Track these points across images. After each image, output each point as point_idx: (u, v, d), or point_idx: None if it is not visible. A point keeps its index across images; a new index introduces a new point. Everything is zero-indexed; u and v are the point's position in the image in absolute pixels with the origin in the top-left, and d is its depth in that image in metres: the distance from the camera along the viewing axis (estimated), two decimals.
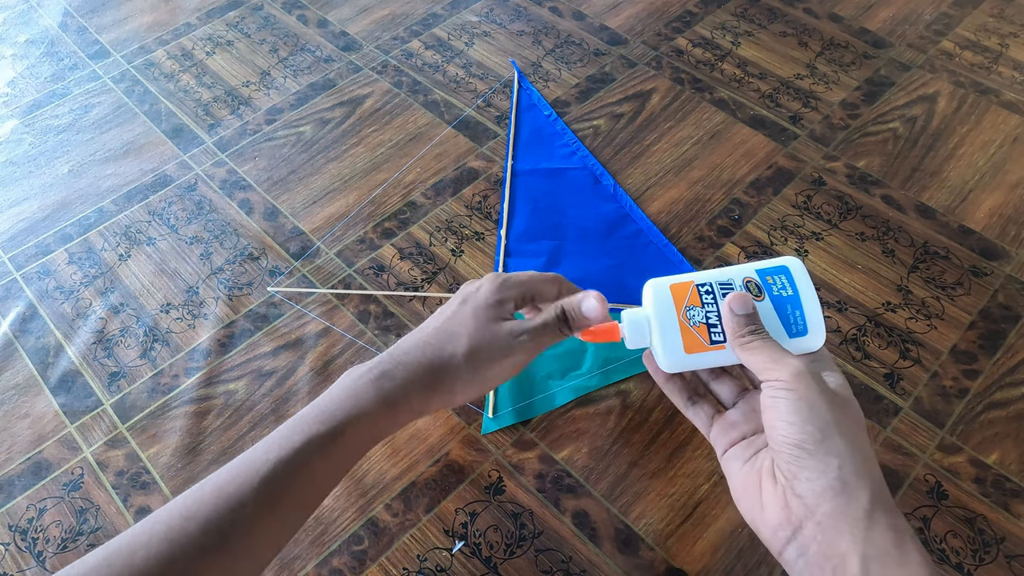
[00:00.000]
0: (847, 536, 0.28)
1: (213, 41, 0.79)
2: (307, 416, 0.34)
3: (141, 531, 0.31)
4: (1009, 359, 0.52)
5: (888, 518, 0.28)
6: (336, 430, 0.34)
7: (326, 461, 0.33)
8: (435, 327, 0.38)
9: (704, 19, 0.77)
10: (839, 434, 0.29)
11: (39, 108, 0.73)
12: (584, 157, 0.65)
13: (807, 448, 0.30)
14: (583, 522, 0.45)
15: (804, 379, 0.31)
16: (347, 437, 0.34)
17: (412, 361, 0.36)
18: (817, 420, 0.30)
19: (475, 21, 0.79)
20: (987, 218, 0.60)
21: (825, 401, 0.30)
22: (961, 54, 0.72)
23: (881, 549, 0.28)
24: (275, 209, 0.63)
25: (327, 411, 0.34)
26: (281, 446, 0.33)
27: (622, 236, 0.59)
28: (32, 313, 0.58)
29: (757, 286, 0.36)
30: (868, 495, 0.28)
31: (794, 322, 0.35)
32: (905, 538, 0.28)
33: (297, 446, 0.33)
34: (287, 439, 0.33)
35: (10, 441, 0.51)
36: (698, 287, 0.36)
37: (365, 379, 0.35)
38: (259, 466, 0.32)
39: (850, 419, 0.30)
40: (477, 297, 0.38)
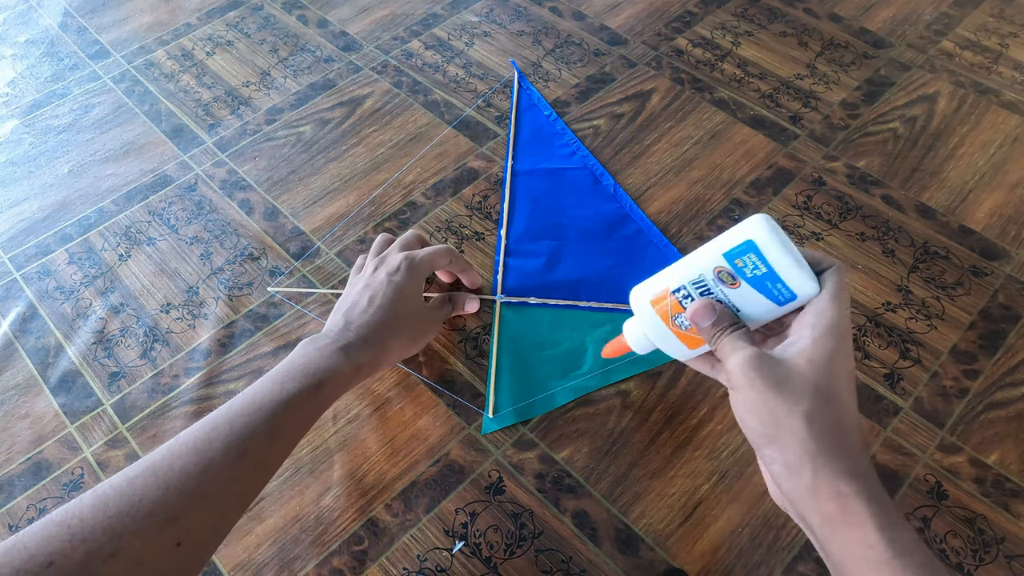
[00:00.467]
0: (801, 507, 0.32)
1: (213, 41, 0.79)
2: (289, 372, 0.41)
3: (170, 449, 0.36)
4: (1009, 359, 0.52)
5: (832, 486, 0.31)
6: (317, 384, 0.41)
7: (312, 406, 0.41)
8: (380, 308, 0.46)
9: (704, 19, 0.77)
10: (781, 426, 0.32)
11: (39, 108, 0.73)
12: (584, 157, 0.65)
13: (756, 441, 0.34)
14: (583, 522, 0.45)
15: (746, 377, 0.33)
16: (325, 390, 0.42)
17: (371, 335, 0.45)
18: (762, 419, 0.33)
19: (475, 21, 0.79)
20: (987, 218, 0.60)
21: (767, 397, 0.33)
22: (961, 54, 0.72)
23: (826, 516, 0.31)
24: (275, 209, 0.63)
25: (307, 369, 0.42)
26: (280, 391, 0.40)
27: (622, 236, 0.59)
28: (32, 313, 0.58)
29: (730, 274, 0.35)
30: (809, 471, 0.31)
31: (778, 293, 0.35)
32: (850, 501, 0.30)
33: (291, 393, 0.40)
34: (281, 387, 0.40)
35: (10, 441, 0.51)
36: (674, 294, 0.37)
37: (332, 348, 0.43)
38: (263, 405, 0.39)
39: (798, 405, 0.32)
40: (406, 285, 0.48)
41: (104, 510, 0.33)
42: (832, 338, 0.33)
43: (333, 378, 0.42)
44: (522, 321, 0.54)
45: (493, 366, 0.52)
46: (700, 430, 0.49)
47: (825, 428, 0.32)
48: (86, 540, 0.32)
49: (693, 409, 0.50)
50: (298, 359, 0.43)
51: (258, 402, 0.39)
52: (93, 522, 0.32)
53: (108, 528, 0.32)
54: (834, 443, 0.31)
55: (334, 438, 0.50)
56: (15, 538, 0.32)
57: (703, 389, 0.51)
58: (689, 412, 0.50)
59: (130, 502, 0.33)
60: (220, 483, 0.36)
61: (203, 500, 0.35)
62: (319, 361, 0.42)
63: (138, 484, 0.34)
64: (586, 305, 0.55)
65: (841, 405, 0.32)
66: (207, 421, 0.38)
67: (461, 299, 0.54)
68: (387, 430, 0.50)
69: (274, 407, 0.39)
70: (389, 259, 0.50)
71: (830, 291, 0.34)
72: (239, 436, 0.37)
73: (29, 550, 0.31)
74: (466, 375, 0.52)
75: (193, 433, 0.37)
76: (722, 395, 0.50)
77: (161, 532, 0.33)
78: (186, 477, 0.35)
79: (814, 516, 0.32)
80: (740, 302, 0.36)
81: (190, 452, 0.36)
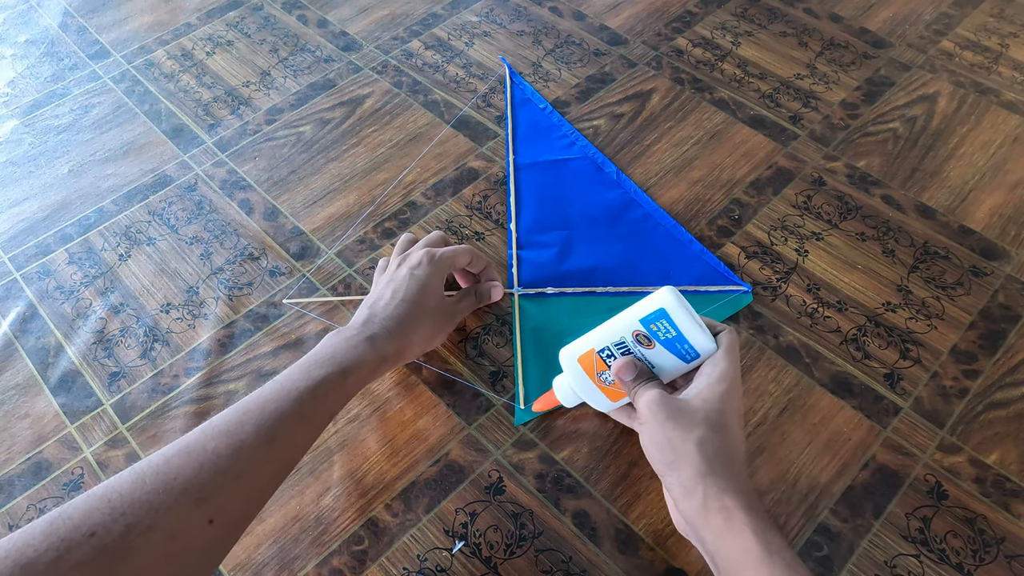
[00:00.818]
0: (697, 526, 0.37)
1: (213, 41, 0.79)
2: (317, 360, 0.43)
3: (204, 431, 0.38)
4: (1009, 359, 0.52)
5: (718, 502, 0.36)
6: (343, 372, 0.42)
7: (337, 393, 0.42)
8: (403, 301, 0.48)
9: (704, 19, 0.77)
10: (678, 452, 0.38)
11: (39, 108, 0.73)
12: (584, 147, 0.65)
13: (659, 469, 0.40)
14: (583, 522, 0.45)
15: (651, 412, 0.40)
16: (352, 378, 0.43)
17: (394, 328, 0.46)
18: (662, 447, 0.39)
19: (475, 21, 0.79)
20: (987, 218, 0.60)
21: (667, 427, 0.39)
22: (961, 54, 0.72)
23: (715, 530, 0.36)
24: (275, 209, 0.63)
25: (334, 358, 0.43)
26: (307, 378, 0.41)
27: (630, 221, 0.60)
28: (32, 313, 0.58)
29: (646, 336, 0.42)
30: (700, 492, 0.37)
31: (686, 352, 0.42)
32: (733, 513, 0.36)
33: (318, 380, 0.41)
34: (308, 375, 0.41)
35: (10, 441, 0.51)
36: (599, 354, 0.43)
37: (358, 338, 0.44)
38: (291, 391, 0.40)
39: (691, 433, 0.38)
40: (427, 279, 0.49)
41: (142, 486, 0.34)
42: (722, 382, 0.40)
43: (359, 367, 0.43)
44: (542, 311, 0.55)
45: (519, 358, 0.52)
46: None
47: (715, 453, 0.38)
48: (125, 514, 0.33)
49: None
50: (325, 349, 0.44)
51: (287, 388, 0.40)
52: (131, 497, 0.33)
53: (145, 503, 0.33)
54: (721, 465, 0.37)
55: (334, 438, 0.50)
56: (59, 511, 0.33)
57: None
58: None
59: (165, 479, 0.35)
60: (251, 465, 0.37)
61: (235, 480, 0.36)
62: (345, 351, 0.43)
63: (173, 463, 0.35)
64: (603, 291, 0.55)
65: (729, 434, 0.39)
66: (239, 406, 0.39)
67: (484, 289, 0.54)
68: (387, 430, 0.50)
69: (302, 393, 0.40)
70: (411, 255, 0.51)
71: (724, 348, 0.41)
72: (269, 420, 0.38)
73: (73, 521, 0.32)
74: (466, 375, 0.52)
75: (225, 417, 0.39)
76: None
77: (195, 509, 0.35)
78: (218, 458, 0.36)
79: (706, 532, 0.37)
80: (655, 360, 0.42)
81: (222, 435, 0.37)
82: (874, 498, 0.46)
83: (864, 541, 0.44)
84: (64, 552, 0.31)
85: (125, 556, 0.32)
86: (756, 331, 0.53)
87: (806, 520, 0.45)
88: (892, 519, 0.45)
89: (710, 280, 0.56)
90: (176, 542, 0.34)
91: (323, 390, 0.41)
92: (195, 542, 0.35)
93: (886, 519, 0.45)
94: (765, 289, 0.56)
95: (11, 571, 0.30)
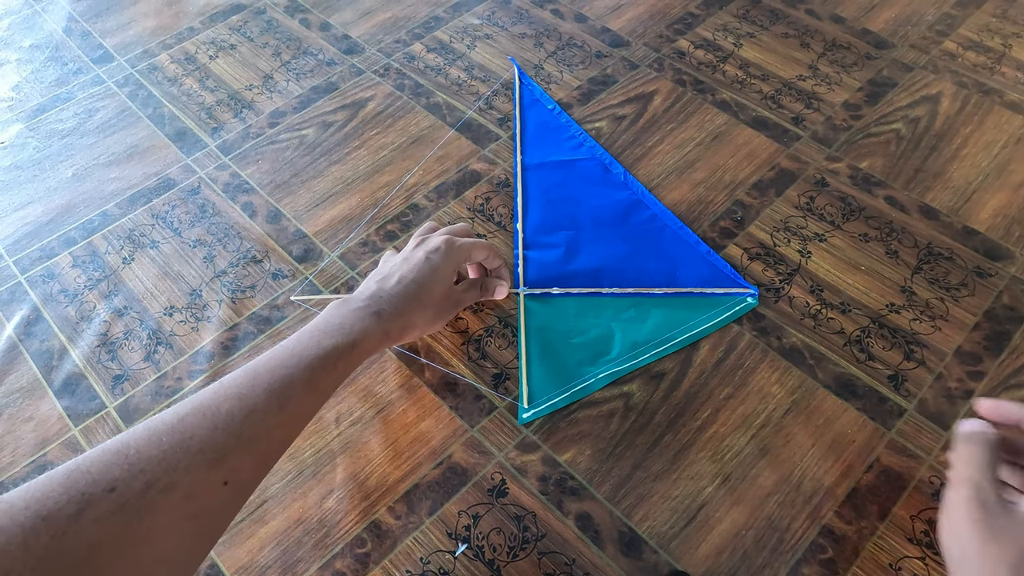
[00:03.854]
0: None
1: (216, 45, 0.79)
2: (325, 329, 0.43)
3: (215, 393, 0.37)
4: (1014, 360, 0.51)
5: None
6: (352, 343, 0.43)
7: (344, 364, 0.42)
8: (414, 282, 0.48)
9: (706, 21, 0.77)
10: None
11: (43, 112, 0.74)
12: (592, 148, 0.65)
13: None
14: (586, 525, 0.45)
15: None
16: (358, 349, 0.43)
17: (400, 306, 0.46)
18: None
19: (477, 24, 0.79)
20: (991, 219, 0.59)
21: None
22: (964, 54, 0.72)
23: None
24: (278, 212, 0.63)
25: (343, 328, 0.43)
26: (317, 346, 0.41)
27: (637, 222, 0.60)
28: (36, 316, 0.58)
29: None
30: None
31: None
32: None
33: (328, 349, 0.41)
34: (319, 343, 0.41)
35: (14, 444, 0.51)
36: None
37: (366, 311, 0.45)
38: (301, 358, 0.40)
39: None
40: (441, 266, 0.49)
41: (158, 444, 0.34)
42: None
43: (365, 339, 0.43)
44: (547, 311, 0.55)
45: (523, 357, 0.52)
46: (703, 432, 0.49)
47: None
48: (144, 471, 0.32)
49: (696, 411, 0.50)
50: (333, 318, 0.44)
51: (297, 354, 0.40)
52: (148, 454, 0.33)
53: (163, 461, 0.33)
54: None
55: (337, 440, 0.50)
56: (75, 463, 0.32)
57: (706, 391, 0.51)
58: (692, 414, 0.50)
59: (182, 438, 0.34)
60: (263, 428, 0.37)
61: (249, 443, 0.36)
62: (353, 322, 0.44)
63: (188, 422, 0.35)
64: (609, 291, 0.55)
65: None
66: (248, 370, 0.39)
67: (491, 284, 0.55)
68: (390, 432, 0.50)
69: (312, 360, 0.40)
70: (431, 240, 0.51)
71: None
72: (280, 385, 0.38)
73: (92, 475, 0.32)
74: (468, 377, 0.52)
75: (236, 379, 0.38)
76: (725, 397, 0.50)
77: (210, 470, 0.35)
78: (232, 420, 0.36)
79: None
80: None
81: (234, 397, 0.37)
82: (879, 500, 0.46)
83: (869, 543, 0.44)
84: (85, 506, 0.30)
85: (145, 513, 0.32)
86: (759, 332, 0.53)
87: (810, 522, 0.45)
88: (897, 521, 0.45)
89: (716, 282, 0.56)
90: (194, 502, 0.34)
91: (332, 359, 0.41)
92: (211, 503, 0.35)
93: (891, 521, 0.45)
94: (768, 291, 0.56)
95: (33, 523, 0.29)
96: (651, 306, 0.55)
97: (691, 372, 0.52)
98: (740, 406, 0.50)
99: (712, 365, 0.52)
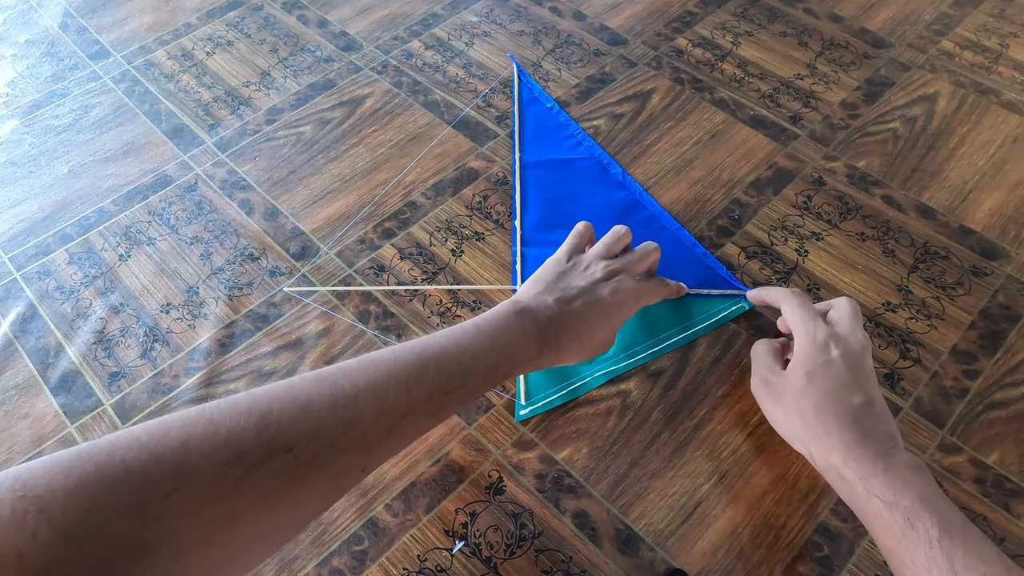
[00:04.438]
0: None
1: (213, 41, 0.79)
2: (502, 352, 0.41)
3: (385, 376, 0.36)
4: (1009, 359, 0.52)
5: None
6: (506, 368, 0.41)
7: (488, 381, 0.41)
8: (584, 319, 0.45)
9: (704, 19, 0.77)
10: None
11: (39, 108, 0.73)
12: (591, 147, 0.65)
13: None
14: (583, 522, 0.45)
15: None
16: (505, 374, 0.41)
17: (564, 341, 0.44)
18: None
19: (475, 21, 0.79)
20: (987, 218, 0.60)
21: None
22: (961, 54, 0.72)
23: None
24: (275, 209, 0.63)
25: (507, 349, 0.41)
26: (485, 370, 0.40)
27: (634, 222, 0.60)
28: (32, 313, 0.58)
29: None
30: None
31: None
32: None
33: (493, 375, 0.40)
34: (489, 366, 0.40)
35: (10, 441, 0.51)
36: None
37: (533, 340, 0.42)
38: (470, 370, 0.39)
39: None
40: (617, 315, 0.47)
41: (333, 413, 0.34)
42: None
43: (516, 369, 0.42)
44: None
45: None
46: (700, 430, 0.49)
47: None
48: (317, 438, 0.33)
49: (693, 409, 0.50)
50: (504, 334, 0.41)
51: (468, 366, 0.39)
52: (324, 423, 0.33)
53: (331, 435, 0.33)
54: None
55: None
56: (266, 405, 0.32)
57: (703, 389, 0.51)
58: (689, 412, 0.50)
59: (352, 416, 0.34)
60: (408, 427, 0.37)
61: (396, 440, 0.36)
62: (517, 346, 0.42)
63: (361, 401, 0.35)
64: None
65: None
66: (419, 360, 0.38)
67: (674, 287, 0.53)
68: None
69: (473, 379, 0.39)
70: (623, 283, 0.47)
71: None
72: (438, 393, 0.37)
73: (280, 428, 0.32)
74: None
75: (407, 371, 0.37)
76: (722, 395, 0.50)
77: (360, 456, 0.35)
78: (393, 414, 0.35)
79: None
80: None
81: (402, 389, 0.36)
82: None
83: (864, 541, 0.44)
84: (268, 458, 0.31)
85: (304, 483, 0.32)
86: (757, 331, 0.53)
87: (806, 520, 0.45)
88: None
89: (713, 284, 0.56)
90: (335, 481, 0.34)
91: (488, 381, 0.40)
92: (344, 485, 0.36)
93: None
94: None
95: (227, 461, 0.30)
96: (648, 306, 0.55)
97: (688, 370, 0.52)
98: (737, 404, 0.50)
99: (709, 363, 0.52)
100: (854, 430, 0.40)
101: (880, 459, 0.39)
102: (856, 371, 0.43)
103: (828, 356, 0.43)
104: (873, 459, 0.39)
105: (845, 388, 0.42)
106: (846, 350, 0.43)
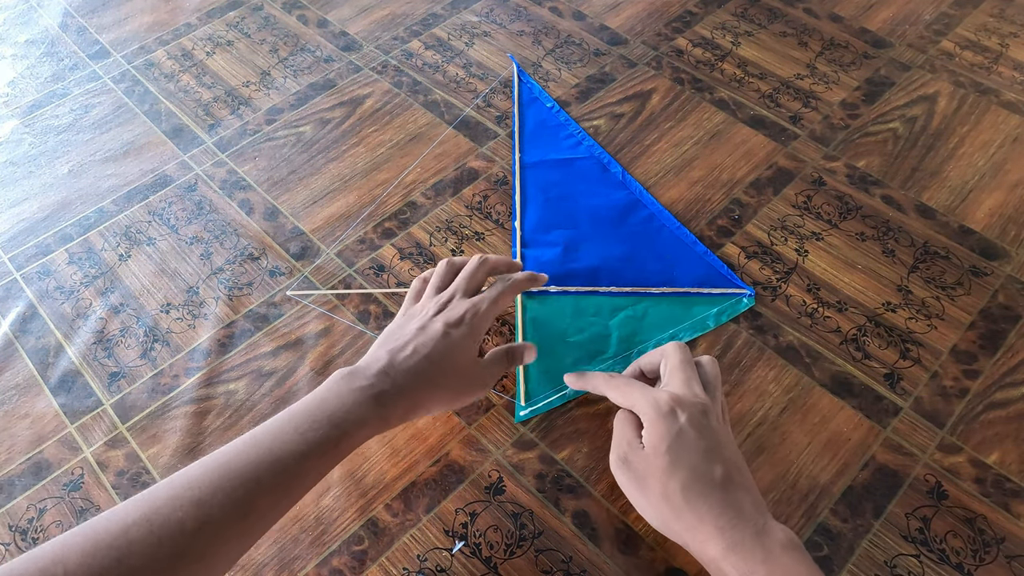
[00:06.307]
0: None
1: (213, 41, 0.79)
2: (315, 415, 0.39)
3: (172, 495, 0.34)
4: (1009, 359, 0.52)
5: None
6: (341, 436, 0.39)
7: (328, 459, 0.39)
8: (427, 359, 0.43)
9: (704, 19, 0.77)
10: None
11: (39, 108, 0.73)
12: (591, 147, 0.65)
13: None
14: (583, 522, 0.45)
15: None
16: (348, 441, 0.39)
17: (408, 387, 0.42)
18: None
19: (475, 21, 0.79)
20: (987, 218, 0.60)
21: None
22: (961, 54, 0.72)
23: None
24: (275, 209, 0.63)
25: (333, 419, 0.39)
26: (300, 440, 0.37)
27: (635, 221, 0.60)
28: (32, 313, 0.58)
29: None
30: None
31: None
32: None
33: (312, 443, 0.37)
34: (302, 435, 0.37)
35: (10, 441, 0.51)
36: None
37: (367, 395, 0.40)
38: (277, 457, 0.36)
39: None
40: (463, 342, 0.44)
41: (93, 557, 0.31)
42: None
43: (360, 430, 0.39)
44: (545, 309, 0.55)
45: None
46: None
47: None
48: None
49: None
50: (328, 401, 0.39)
51: (274, 451, 0.36)
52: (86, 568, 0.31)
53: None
54: None
55: None
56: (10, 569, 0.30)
57: None
58: None
59: (119, 555, 0.31)
60: (218, 542, 0.34)
61: (199, 558, 0.33)
62: (350, 408, 0.39)
63: (132, 535, 0.32)
64: (606, 291, 0.55)
65: None
66: (216, 464, 0.36)
67: (519, 351, 0.48)
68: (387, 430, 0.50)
69: (287, 460, 0.36)
70: (453, 308, 0.45)
71: None
72: (243, 492, 0.35)
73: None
74: None
75: (199, 479, 0.35)
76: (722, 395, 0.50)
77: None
78: (182, 532, 0.33)
79: None
80: None
81: (190, 503, 0.34)
82: (874, 498, 0.46)
83: (864, 541, 0.44)
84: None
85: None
86: (756, 331, 0.53)
87: (806, 520, 0.45)
88: (892, 519, 0.45)
89: (713, 283, 0.56)
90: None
91: (314, 456, 0.37)
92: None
93: (886, 519, 0.45)
94: (765, 289, 0.56)
95: None
96: (648, 305, 0.55)
97: None
98: (736, 404, 0.50)
99: None
100: (727, 513, 0.37)
101: (758, 546, 0.36)
102: (707, 435, 0.39)
103: (679, 424, 0.39)
104: (751, 548, 0.36)
105: (704, 460, 0.39)
106: (691, 413, 0.40)
